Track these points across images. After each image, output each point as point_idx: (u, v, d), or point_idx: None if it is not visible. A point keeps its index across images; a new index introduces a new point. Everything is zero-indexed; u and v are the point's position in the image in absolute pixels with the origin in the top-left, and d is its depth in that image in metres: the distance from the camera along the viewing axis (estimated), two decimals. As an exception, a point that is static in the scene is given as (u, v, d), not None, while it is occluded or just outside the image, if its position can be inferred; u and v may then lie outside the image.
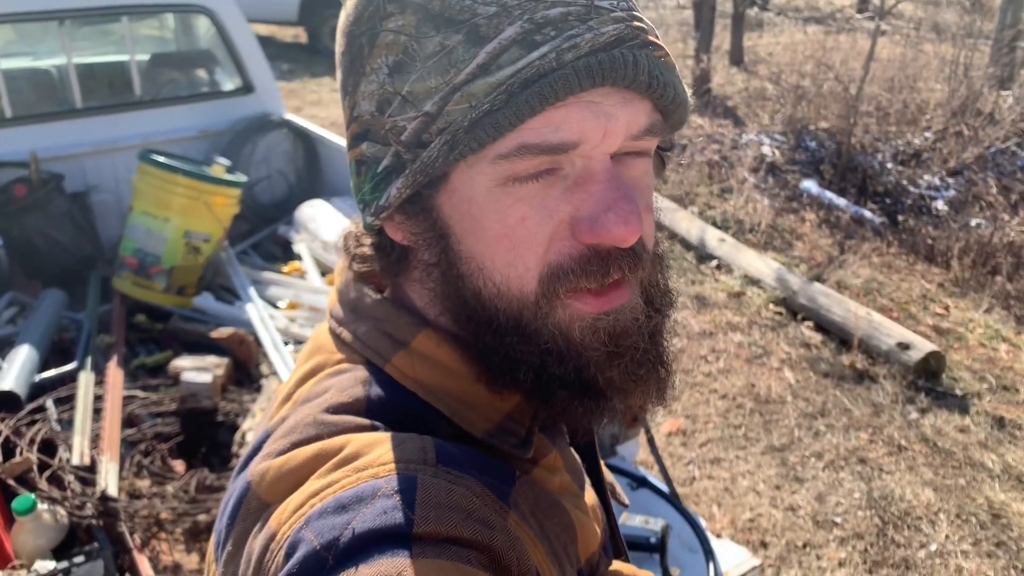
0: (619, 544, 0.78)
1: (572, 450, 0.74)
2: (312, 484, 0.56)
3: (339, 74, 0.64)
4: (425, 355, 0.64)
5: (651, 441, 2.62)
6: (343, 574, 0.49)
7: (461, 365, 0.64)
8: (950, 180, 6.59)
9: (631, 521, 1.91)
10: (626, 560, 0.76)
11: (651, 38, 0.58)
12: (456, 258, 0.61)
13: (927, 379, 4.12)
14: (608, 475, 0.83)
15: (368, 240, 0.70)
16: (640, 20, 0.58)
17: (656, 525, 1.90)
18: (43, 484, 2.08)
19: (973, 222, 5.96)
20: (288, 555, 0.52)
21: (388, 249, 0.67)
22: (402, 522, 0.51)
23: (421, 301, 0.67)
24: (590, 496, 0.73)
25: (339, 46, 0.63)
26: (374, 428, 0.60)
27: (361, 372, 0.65)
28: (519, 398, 0.64)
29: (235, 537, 0.60)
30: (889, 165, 6.71)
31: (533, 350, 0.60)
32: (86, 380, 2.56)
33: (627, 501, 0.89)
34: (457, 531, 0.52)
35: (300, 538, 0.52)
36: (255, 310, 3.01)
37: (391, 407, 0.63)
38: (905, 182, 6.52)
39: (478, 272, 0.61)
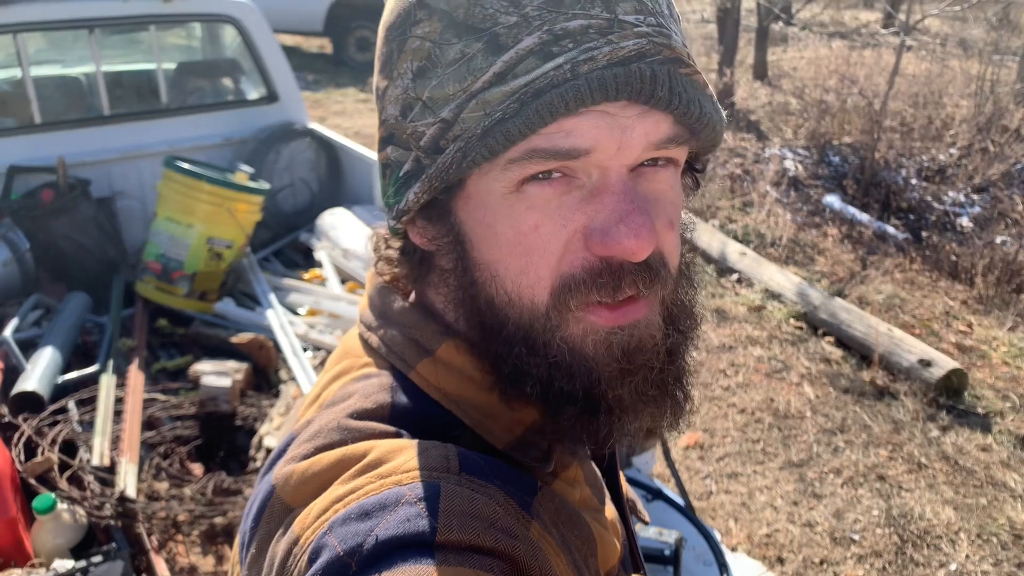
0: (638, 560, 0.78)
1: (592, 464, 0.74)
2: (336, 490, 0.56)
3: (374, 77, 0.64)
4: (449, 364, 0.64)
5: (667, 453, 2.61)
6: None
7: (481, 375, 0.63)
8: (975, 197, 6.52)
9: (645, 532, 1.90)
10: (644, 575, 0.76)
11: (677, 54, 0.57)
12: (471, 265, 0.61)
13: (949, 397, 4.07)
14: (629, 491, 0.83)
15: (396, 244, 0.70)
16: (667, 36, 0.56)
17: (670, 537, 1.89)
18: (63, 484, 2.10)
19: (998, 239, 5.89)
20: (311, 560, 0.52)
21: (411, 253, 0.67)
22: (425, 530, 0.51)
23: (441, 306, 0.67)
24: (610, 511, 0.72)
25: (376, 49, 0.64)
26: (398, 435, 0.60)
27: (386, 378, 0.65)
28: (538, 412, 0.63)
29: (259, 540, 0.60)
30: (913, 181, 6.65)
31: (541, 362, 0.60)
32: (108, 383, 2.58)
33: (647, 518, 0.89)
34: (480, 539, 0.51)
35: (323, 544, 0.52)
36: (275, 316, 3.03)
37: (415, 414, 0.63)
38: (929, 198, 6.46)
39: (491, 280, 0.60)
